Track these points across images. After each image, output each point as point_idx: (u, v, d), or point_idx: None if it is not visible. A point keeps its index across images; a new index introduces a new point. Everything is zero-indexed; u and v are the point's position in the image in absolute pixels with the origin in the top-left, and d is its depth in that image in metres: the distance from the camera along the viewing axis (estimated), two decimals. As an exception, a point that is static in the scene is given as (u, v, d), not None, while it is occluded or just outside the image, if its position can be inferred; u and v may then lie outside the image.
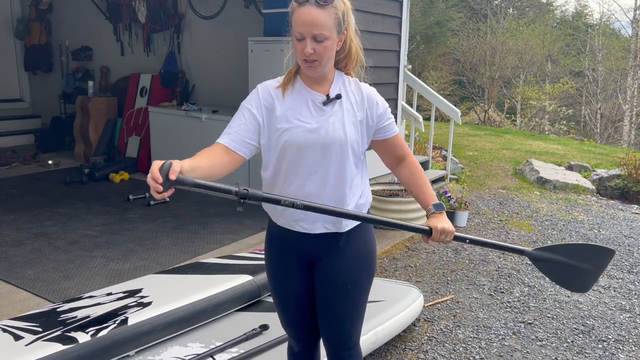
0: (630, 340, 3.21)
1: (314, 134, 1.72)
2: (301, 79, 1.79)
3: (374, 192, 1.62)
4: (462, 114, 11.75)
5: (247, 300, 2.92)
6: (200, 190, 1.61)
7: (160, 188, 1.44)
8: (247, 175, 5.64)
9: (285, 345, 2.19)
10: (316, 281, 1.89)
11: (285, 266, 1.91)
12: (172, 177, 1.44)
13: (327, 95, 1.75)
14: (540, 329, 3.31)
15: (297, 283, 1.91)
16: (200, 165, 1.61)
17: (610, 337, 3.24)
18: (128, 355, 2.39)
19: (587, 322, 3.42)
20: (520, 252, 1.96)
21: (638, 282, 4.09)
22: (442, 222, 1.80)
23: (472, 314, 3.48)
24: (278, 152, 1.78)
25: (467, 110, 18.23)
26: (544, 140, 11.34)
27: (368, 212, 1.90)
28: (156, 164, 1.47)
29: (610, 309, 3.62)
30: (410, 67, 7.09)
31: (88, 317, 2.50)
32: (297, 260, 1.89)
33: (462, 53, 18.38)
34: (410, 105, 7.02)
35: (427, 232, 1.81)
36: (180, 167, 1.49)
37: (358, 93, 1.79)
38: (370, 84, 1.87)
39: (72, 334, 2.32)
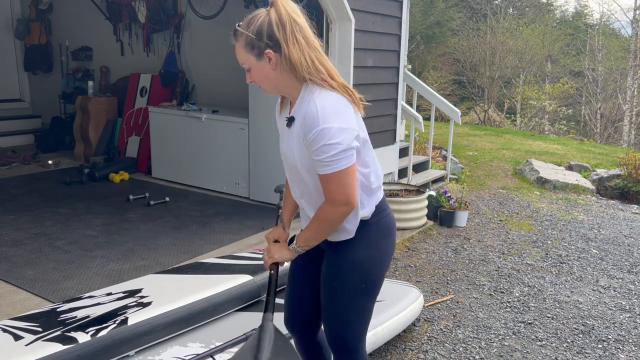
0: (630, 340, 3.21)
1: (282, 147, 1.84)
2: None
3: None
4: (462, 114, 11.75)
5: (247, 300, 2.91)
6: None
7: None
8: (247, 173, 5.64)
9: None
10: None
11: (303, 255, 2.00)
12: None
13: (287, 117, 1.78)
14: (540, 329, 3.31)
15: (305, 264, 2.00)
16: (292, 213, 2.05)
17: (610, 337, 3.24)
18: (128, 355, 2.39)
19: (587, 322, 3.42)
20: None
21: (638, 282, 4.09)
22: (280, 249, 1.91)
23: (472, 314, 3.48)
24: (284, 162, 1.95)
25: (467, 110, 18.23)
26: (544, 140, 11.34)
27: (361, 223, 1.84)
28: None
29: (610, 309, 3.62)
30: (410, 67, 7.10)
31: (88, 317, 2.50)
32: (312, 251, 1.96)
33: (462, 53, 18.38)
34: (410, 105, 7.02)
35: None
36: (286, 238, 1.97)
37: (305, 116, 1.66)
38: (370, 84, 1.85)
39: (72, 334, 2.32)
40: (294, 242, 1.86)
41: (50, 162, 7.01)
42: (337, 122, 1.61)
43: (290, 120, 1.74)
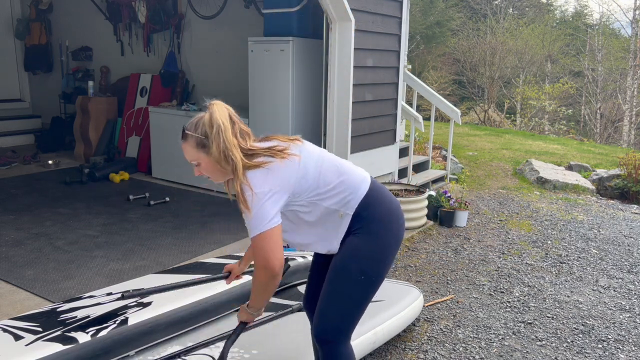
0: (630, 340, 3.21)
1: None
2: None
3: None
4: (462, 114, 11.74)
5: (247, 300, 2.91)
6: None
7: None
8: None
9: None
10: None
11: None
12: None
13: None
14: (540, 329, 3.31)
15: (319, 256, 2.21)
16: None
17: (610, 337, 3.24)
18: (128, 355, 2.39)
19: (587, 322, 3.43)
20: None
21: (638, 282, 4.09)
22: (241, 311, 2.06)
23: (472, 314, 3.48)
24: None
25: (467, 110, 18.24)
26: (544, 140, 11.34)
27: (357, 218, 1.98)
28: None
29: (610, 309, 3.62)
30: (410, 67, 7.09)
31: (88, 317, 2.50)
32: None
33: (462, 53, 18.38)
34: (410, 105, 7.02)
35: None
36: None
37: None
38: (370, 84, 1.90)
39: (72, 334, 2.32)
40: (248, 313, 2.02)
41: (50, 162, 7.01)
42: (262, 197, 1.82)
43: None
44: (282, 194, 1.85)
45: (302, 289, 3.14)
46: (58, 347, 2.21)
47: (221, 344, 2.55)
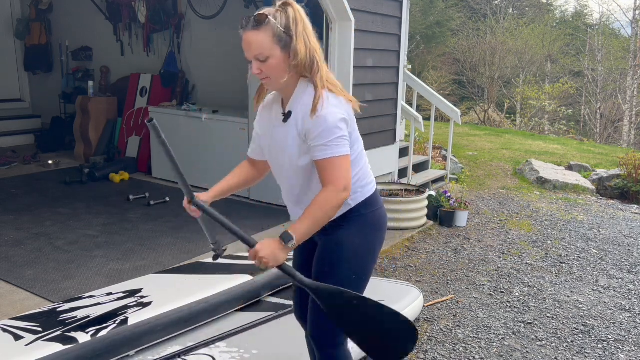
0: (630, 340, 3.21)
1: (270, 144, 1.92)
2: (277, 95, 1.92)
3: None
4: (462, 114, 11.74)
5: (247, 300, 2.92)
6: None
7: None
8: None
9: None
10: None
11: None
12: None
13: (283, 113, 1.85)
14: (540, 329, 3.31)
15: (298, 257, 2.10)
16: (230, 187, 2.06)
17: (610, 337, 3.24)
18: (128, 355, 2.39)
19: (587, 322, 3.43)
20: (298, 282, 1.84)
21: (638, 282, 4.09)
22: (270, 247, 1.73)
23: (472, 314, 3.48)
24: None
25: (467, 110, 18.23)
26: (544, 140, 11.34)
27: (354, 213, 1.91)
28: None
29: (610, 309, 3.62)
30: (410, 67, 7.09)
31: (88, 317, 2.50)
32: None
33: (462, 53, 18.38)
34: (410, 105, 7.02)
35: (251, 245, 1.78)
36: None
37: (302, 112, 1.77)
38: (370, 84, 1.88)
39: (72, 334, 2.32)
40: (289, 240, 1.72)
41: (50, 162, 7.01)
42: (337, 111, 1.73)
43: (288, 115, 1.81)
44: (346, 128, 1.76)
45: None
46: (58, 347, 2.21)
47: (221, 344, 2.55)
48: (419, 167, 6.86)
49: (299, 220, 1.75)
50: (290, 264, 1.90)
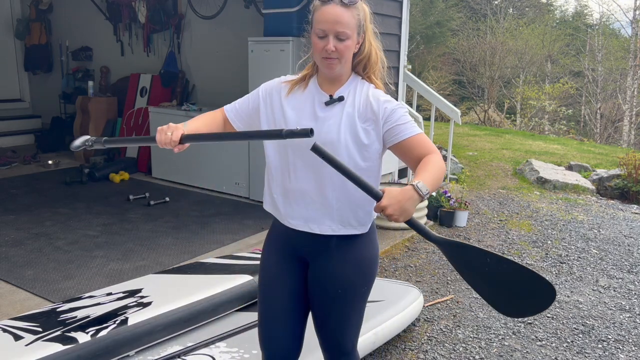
0: (630, 340, 3.21)
1: (311, 125, 1.75)
2: (317, 80, 1.83)
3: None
4: (462, 114, 11.74)
5: (247, 300, 2.91)
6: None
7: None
8: (247, 173, 5.64)
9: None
10: (309, 283, 1.88)
11: (277, 262, 1.91)
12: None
13: (331, 96, 1.77)
14: (540, 329, 3.31)
15: (286, 280, 1.89)
16: (199, 130, 1.82)
17: (610, 337, 3.24)
18: (128, 355, 2.39)
19: (587, 322, 3.43)
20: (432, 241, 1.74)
21: (638, 282, 4.09)
22: (398, 201, 1.54)
23: (472, 314, 3.48)
24: (275, 146, 1.82)
25: (467, 110, 18.24)
26: (544, 140, 11.34)
27: (373, 223, 1.87)
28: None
29: (610, 309, 3.62)
30: (410, 67, 7.09)
31: (88, 317, 2.50)
32: (290, 256, 1.89)
33: (462, 53, 18.38)
34: (410, 105, 7.02)
35: (377, 198, 1.57)
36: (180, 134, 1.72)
37: (365, 97, 1.76)
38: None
39: (72, 334, 2.32)
40: (426, 190, 1.57)
41: (50, 162, 7.01)
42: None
43: (339, 99, 1.76)
44: None
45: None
46: (58, 347, 2.21)
47: (221, 344, 2.55)
48: (419, 167, 6.84)
49: (421, 174, 1.62)
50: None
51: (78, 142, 1.88)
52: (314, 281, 1.86)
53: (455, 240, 1.78)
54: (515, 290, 1.73)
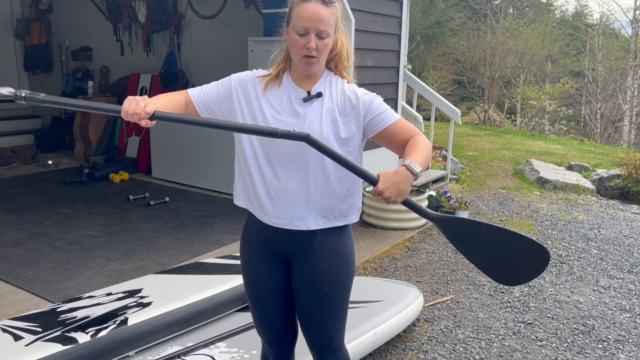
0: (630, 340, 3.21)
1: (292, 122, 1.75)
2: (290, 75, 1.82)
3: (372, 193, 1.57)
4: (462, 114, 11.75)
5: (247, 301, 2.91)
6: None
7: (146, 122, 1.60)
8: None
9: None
10: (293, 284, 1.87)
11: (260, 263, 1.89)
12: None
13: (308, 92, 1.78)
14: (540, 329, 3.31)
15: (272, 281, 1.88)
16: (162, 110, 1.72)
17: (610, 337, 3.24)
18: (128, 356, 2.39)
19: (587, 322, 3.42)
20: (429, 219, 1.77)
21: (638, 282, 4.09)
22: (394, 183, 1.56)
23: (472, 314, 3.48)
24: (253, 141, 1.80)
25: (467, 110, 18.24)
26: (544, 140, 11.34)
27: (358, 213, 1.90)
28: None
29: (610, 309, 3.62)
30: (410, 67, 7.09)
31: (88, 317, 2.50)
32: (272, 257, 1.87)
33: (462, 53, 18.38)
34: (410, 105, 7.02)
35: (373, 182, 1.59)
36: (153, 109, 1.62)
37: (342, 92, 1.79)
38: (370, 84, 1.88)
39: (72, 334, 2.32)
40: (418, 169, 1.58)
41: (50, 162, 7.01)
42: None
43: (317, 95, 1.77)
44: None
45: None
46: (58, 347, 2.21)
47: (221, 344, 2.55)
48: (419, 167, 6.84)
49: (410, 154, 1.63)
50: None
51: (4, 90, 1.66)
52: (299, 281, 1.85)
53: (451, 215, 1.83)
54: (512, 257, 1.79)
